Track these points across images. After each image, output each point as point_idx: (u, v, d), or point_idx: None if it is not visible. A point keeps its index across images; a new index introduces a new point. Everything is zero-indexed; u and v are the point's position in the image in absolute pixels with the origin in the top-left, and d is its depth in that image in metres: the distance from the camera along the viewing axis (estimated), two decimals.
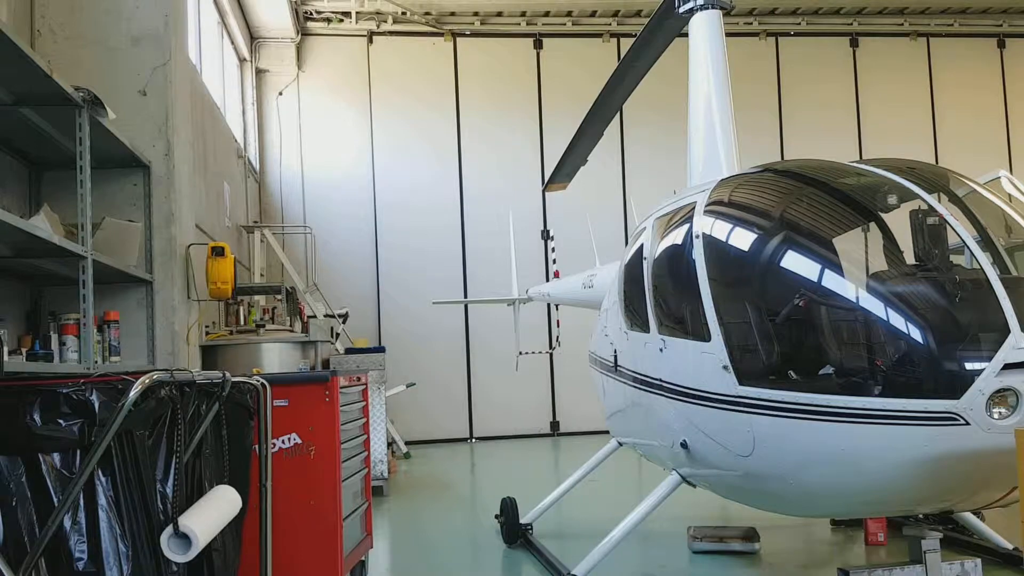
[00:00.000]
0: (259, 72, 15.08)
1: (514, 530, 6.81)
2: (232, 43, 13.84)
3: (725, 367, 4.60)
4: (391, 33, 15.62)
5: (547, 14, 15.94)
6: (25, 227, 4.31)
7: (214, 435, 3.51)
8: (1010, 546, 5.64)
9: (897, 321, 4.16)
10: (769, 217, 5.03)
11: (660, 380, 5.47)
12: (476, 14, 15.73)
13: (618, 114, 15.82)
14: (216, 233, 10.63)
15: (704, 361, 4.87)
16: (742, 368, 4.55)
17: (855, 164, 5.14)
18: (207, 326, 8.95)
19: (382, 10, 15.20)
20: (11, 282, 5.75)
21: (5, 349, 4.30)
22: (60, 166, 5.71)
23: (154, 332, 6.41)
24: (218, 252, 6.96)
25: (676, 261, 5.38)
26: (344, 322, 11.91)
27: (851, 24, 16.62)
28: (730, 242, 5.07)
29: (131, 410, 2.75)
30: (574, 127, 7.84)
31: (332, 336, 10.62)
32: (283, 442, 4.52)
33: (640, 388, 5.91)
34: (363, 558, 5.48)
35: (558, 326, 13.82)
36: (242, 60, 14.58)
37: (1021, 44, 17.30)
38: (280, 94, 15.12)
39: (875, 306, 4.26)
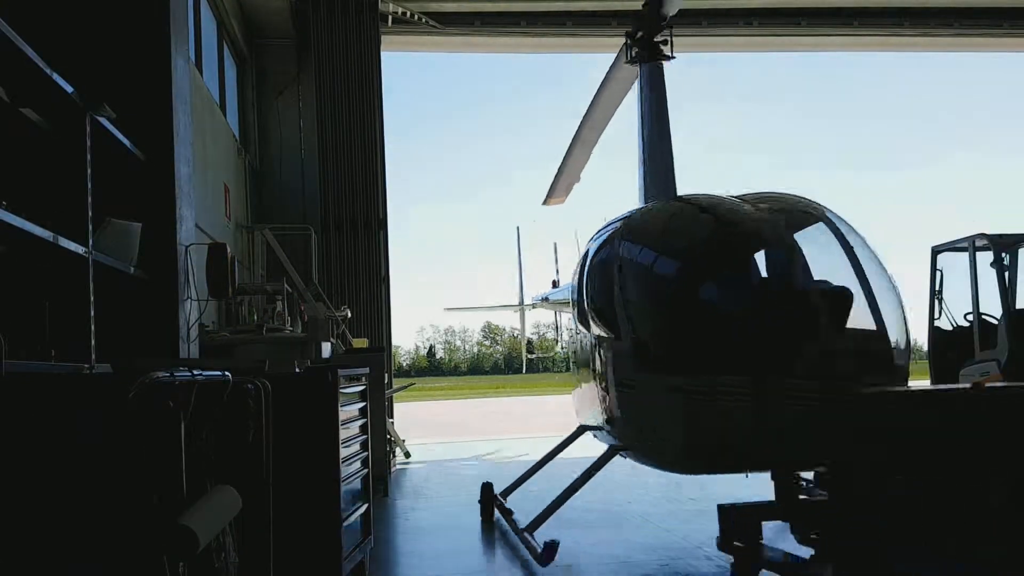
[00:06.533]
0: (259, 72, 15.08)
1: (488, 505, 8.13)
2: (232, 43, 13.84)
3: (630, 359, 5.98)
4: (392, 33, 15.61)
5: (546, 15, 15.95)
6: (25, 227, 4.31)
7: (214, 435, 3.50)
8: None
9: (740, 321, 5.45)
10: (665, 242, 6.25)
11: (593, 370, 6.67)
12: (477, 14, 15.73)
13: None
14: (216, 233, 10.62)
15: (616, 354, 6.23)
16: (641, 359, 5.95)
17: (736, 196, 6.17)
18: (207, 326, 8.95)
19: (383, 11, 15.19)
20: (11, 282, 5.73)
21: (4, 350, 4.29)
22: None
23: (154, 332, 6.39)
24: (218, 252, 6.95)
25: (602, 275, 6.57)
26: (345, 322, 11.90)
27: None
28: (637, 260, 6.35)
29: (131, 410, 2.75)
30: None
31: (332, 336, 10.61)
32: (284, 441, 4.50)
33: (583, 378, 7.07)
34: (363, 558, 5.47)
35: (556, 330, 14.15)
36: (242, 60, 14.58)
37: None
38: (280, 94, 15.11)
39: (735, 309, 5.57)
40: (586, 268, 6.94)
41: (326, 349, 9.70)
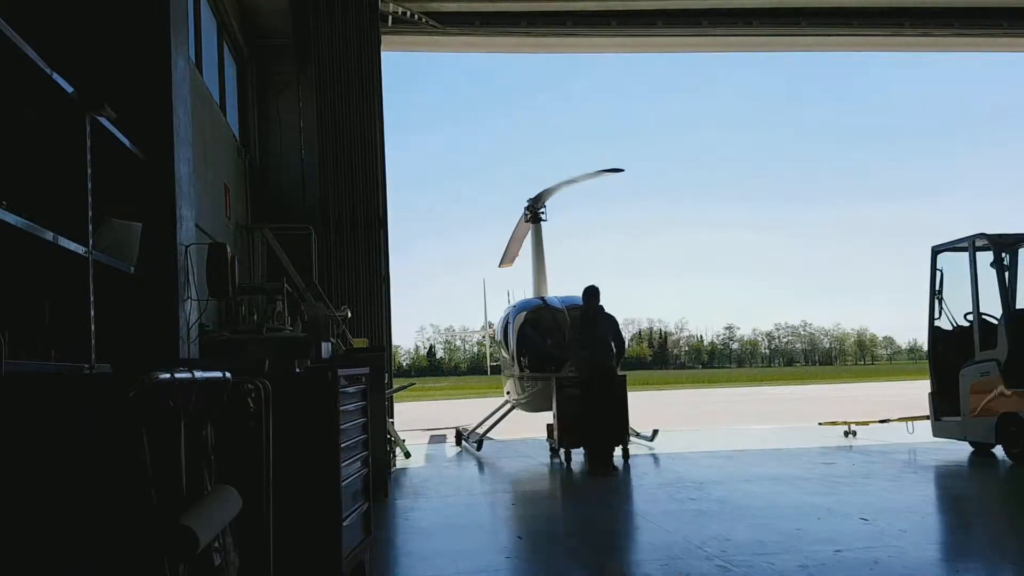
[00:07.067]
0: (259, 72, 15.07)
1: (459, 439, 15.70)
2: (232, 43, 13.84)
3: (520, 364, 15.23)
4: (392, 33, 15.60)
5: (546, 15, 15.94)
6: (25, 227, 4.31)
7: (214, 435, 3.50)
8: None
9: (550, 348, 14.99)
10: (526, 319, 15.51)
11: (506, 371, 16.18)
12: (477, 14, 15.72)
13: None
14: (216, 233, 10.62)
15: (509, 363, 15.95)
16: (526, 365, 15.21)
17: (560, 299, 15.94)
18: (207, 326, 8.94)
19: (383, 11, 15.18)
20: (11, 282, 5.73)
21: (4, 350, 4.29)
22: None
23: (154, 332, 6.39)
24: (218, 252, 6.94)
25: (507, 328, 15.97)
26: (345, 322, 11.90)
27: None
28: (519, 326, 15.47)
29: (131, 410, 2.75)
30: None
31: (332, 336, 10.60)
32: (284, 441, 4.50)
33: (505, 375, 16.61)
34: (363, 558, 5.47)
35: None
36: (242, 60, 14.58)
37: None
38: (280, 94, 15.09)
39: (539, 348, 15.27)
40: (501, 324, 16.73)
41: (326, 349, 9.69)
